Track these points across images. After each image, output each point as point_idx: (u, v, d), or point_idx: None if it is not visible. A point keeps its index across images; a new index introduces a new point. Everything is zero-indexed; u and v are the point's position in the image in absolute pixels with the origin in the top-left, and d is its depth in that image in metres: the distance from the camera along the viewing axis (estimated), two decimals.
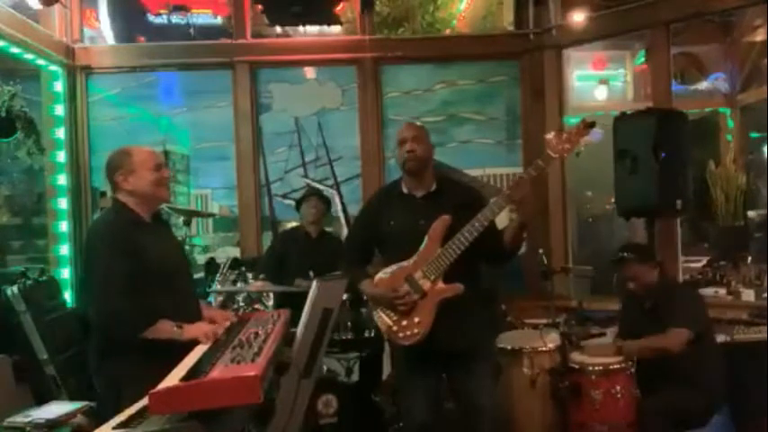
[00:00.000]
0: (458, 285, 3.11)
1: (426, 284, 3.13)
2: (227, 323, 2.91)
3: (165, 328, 2.68)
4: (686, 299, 3.81)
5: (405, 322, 3.15)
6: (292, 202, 5.76)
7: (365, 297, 3.48)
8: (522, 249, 3.44)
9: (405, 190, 3.32)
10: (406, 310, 3.13)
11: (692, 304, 3.76)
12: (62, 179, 5.71)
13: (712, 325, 3.90)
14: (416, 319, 3.13)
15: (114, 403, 2.39)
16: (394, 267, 3.21)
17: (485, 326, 3.46)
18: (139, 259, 2.73)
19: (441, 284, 3.13)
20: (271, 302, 4.62)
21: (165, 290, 2.78)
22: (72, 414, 3.52)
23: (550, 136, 3.08)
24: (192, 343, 2.62)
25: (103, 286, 2.71)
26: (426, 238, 3.15)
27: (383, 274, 3.24)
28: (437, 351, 3.17)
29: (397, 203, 3.32)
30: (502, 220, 3.31)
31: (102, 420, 2.14)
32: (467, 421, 3.25)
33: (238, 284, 4.68)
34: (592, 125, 3.07)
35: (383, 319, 3.21)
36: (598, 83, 6.68)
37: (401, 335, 3.16)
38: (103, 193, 5.64)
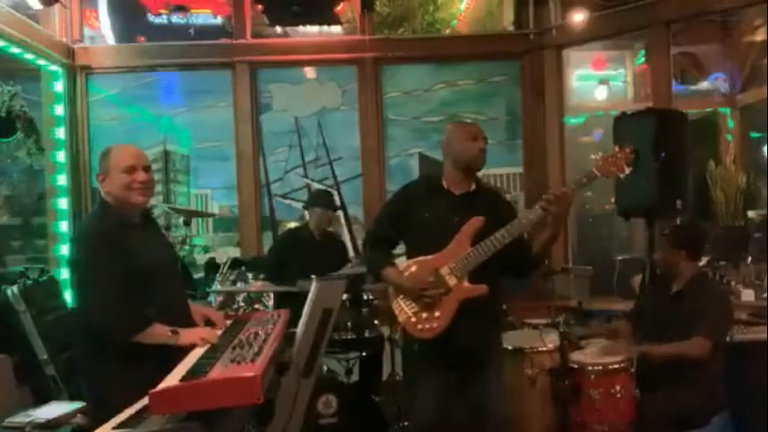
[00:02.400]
0: (483, 287, 3.11)
1: (452, 281, 3.13)
2: (223, 326, 2.89)
3: (160, 333, 2.62)
4: (720, 307, 3.73)
5: (425, 315, 3.15)
6: (292, 202, 5.76)
7: (386, 283, 3.38)
8: None
9: (445, 185, 3.31)
10: (429, 303, 3.13)
11: (723, 316, 3.72)
12: (62, 179, 5.71)
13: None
14: (437, 314, 3.13)
15: (104, 409, 2.32)
16: (421, 259, 3.21)
17: (498, 328, 3.47)
18: (126, 260, 2.66)
19: (466, 283, 3.13)
20: (271, 302, 4.62)
21: (153, 291, 2.73)
22: (72, 414, 3.51)
23: (597, 156, 3.15)
24: (184, 350, 2.55)
25: (94, 289, 2.66)
26: (458, 236, 3.15)
27: (409, 264, 3.24)
28: (452, 349, 3.16)
29: (434, 196, 3.31)
30: None
31: (96, 423, 2.12)
32: (476, 422, 3.26)
33: (238, 284, 4.69)
34: (634, 152, 3.15)
35: (402, 308, 3.20)
36: (598, 83, 6.68)
37: (419, 326, 3.16)
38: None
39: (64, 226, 5.68)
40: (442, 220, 3.21)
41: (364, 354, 4.43)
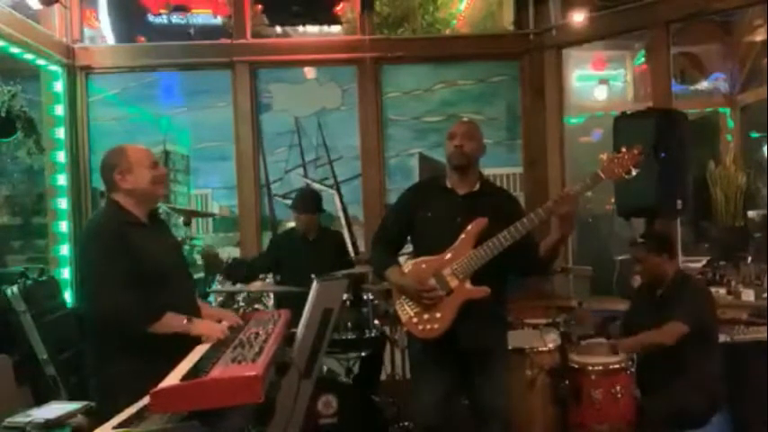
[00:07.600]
0: (485, 289, 3.11)
1: (454, 282, 3.13)
2: (235, 323, 2.90)
3: (175, 321, 2.67)
4: (692, 294, 3.78)
5: (426, 316, 3.15)
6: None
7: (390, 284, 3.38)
8: None
9: (448, 185, 3.32)
10: (430, 304, 3.13)
11: (696, 300, 3.75)
12: (62, 179, 5.70)
13: (716, 325, 3.89)
14: (438, 315, 3.13)
15: (111, 405, 2.34)
16: (424, 260, 3.21)
17: (503, 330, 3.46)
18: (135, 260, 2.69)
19: (468, 285, 3.13)
20: (271, 302, 4.62)
21: (163, 290, 2.75)
22: (72, 414, 3.50)
23: (603, 157, 3.10)
24: (190, 345, 2.59)
25: (104, 284, 2.67)
26: (461, 237, 3.15)
27: (412, 264, 3.24)
28: (455, 349, 3.17)
29: (438, 196, 3.32)
30: None
31: (100, 421, 2.13)
32: (481, 421, 3.27)
33: (238, 284, 4.68)
34: (643, 153, 3.09)
35: (404, 309, 3.21)
36: (598, 83, 6.69)
37: (420, 327, 3.16)
38: (103, 193, 5.63)
39: (64, 226, 5.67)
40: (445, 221, 3.22)
41: (364, 354, 4.43)
